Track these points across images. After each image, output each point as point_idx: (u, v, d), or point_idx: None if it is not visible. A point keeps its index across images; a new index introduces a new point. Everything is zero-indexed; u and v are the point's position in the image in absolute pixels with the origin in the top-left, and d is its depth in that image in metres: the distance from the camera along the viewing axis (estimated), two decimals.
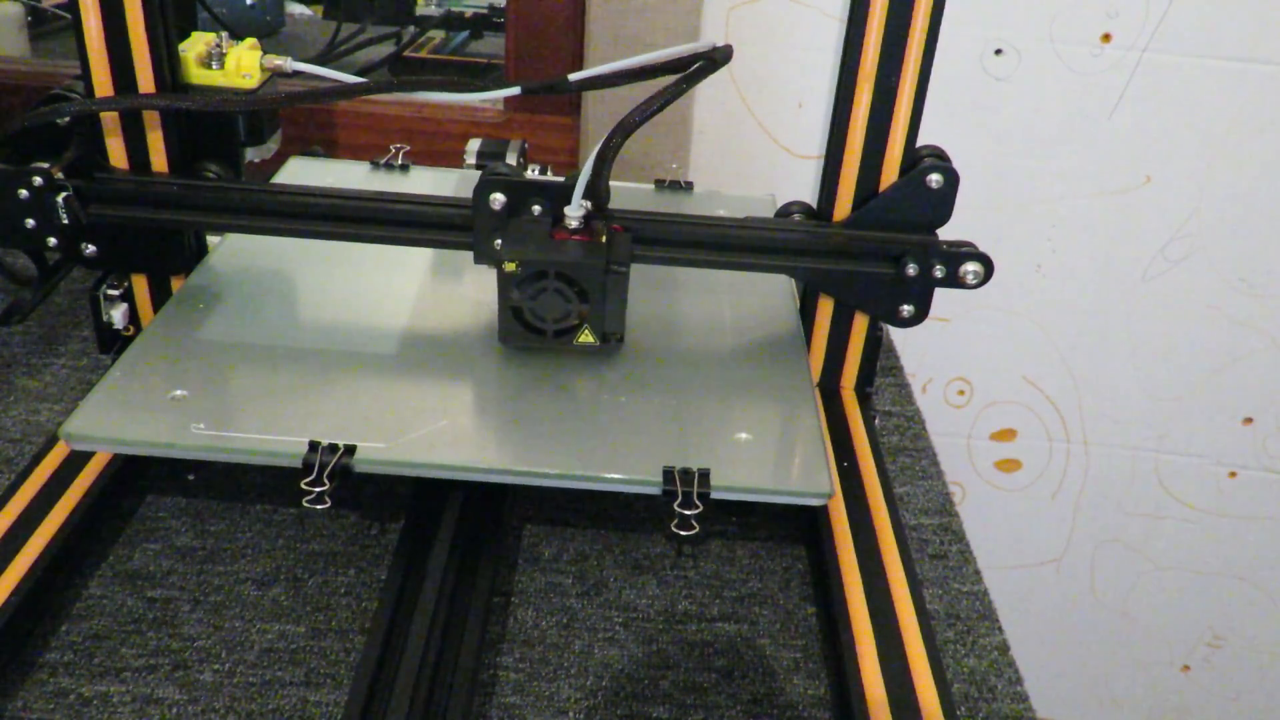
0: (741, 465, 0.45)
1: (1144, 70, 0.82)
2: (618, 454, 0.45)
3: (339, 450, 0.43)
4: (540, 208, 0.50)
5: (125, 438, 0.44)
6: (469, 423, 0.47)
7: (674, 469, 0.44)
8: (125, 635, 0.45)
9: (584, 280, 0.49)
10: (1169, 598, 1.08)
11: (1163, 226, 0.89)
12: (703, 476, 0.44)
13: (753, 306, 0.59)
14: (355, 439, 0.44)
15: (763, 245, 0.53)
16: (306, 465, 0.43)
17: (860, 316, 0.56)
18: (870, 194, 0.52)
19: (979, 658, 0.47)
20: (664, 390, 0.50)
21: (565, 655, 0.45)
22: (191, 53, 0.53)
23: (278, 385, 0.48)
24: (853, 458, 0.53)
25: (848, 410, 0.57)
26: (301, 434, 0.44)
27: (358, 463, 0.43)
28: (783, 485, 0.45)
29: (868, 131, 0.51)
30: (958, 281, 0.53)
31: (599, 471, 0.44)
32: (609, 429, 0.47)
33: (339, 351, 0.51)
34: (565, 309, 0.50)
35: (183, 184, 0.53)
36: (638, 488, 0.44)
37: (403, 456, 0.44)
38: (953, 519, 0.56)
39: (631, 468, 0.44)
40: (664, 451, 0.45)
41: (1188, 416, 0.98)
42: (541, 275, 0.49)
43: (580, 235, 0.50)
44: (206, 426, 0.44)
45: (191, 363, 0.49)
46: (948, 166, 0.51)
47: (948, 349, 0.95)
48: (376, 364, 0.50)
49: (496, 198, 0.50)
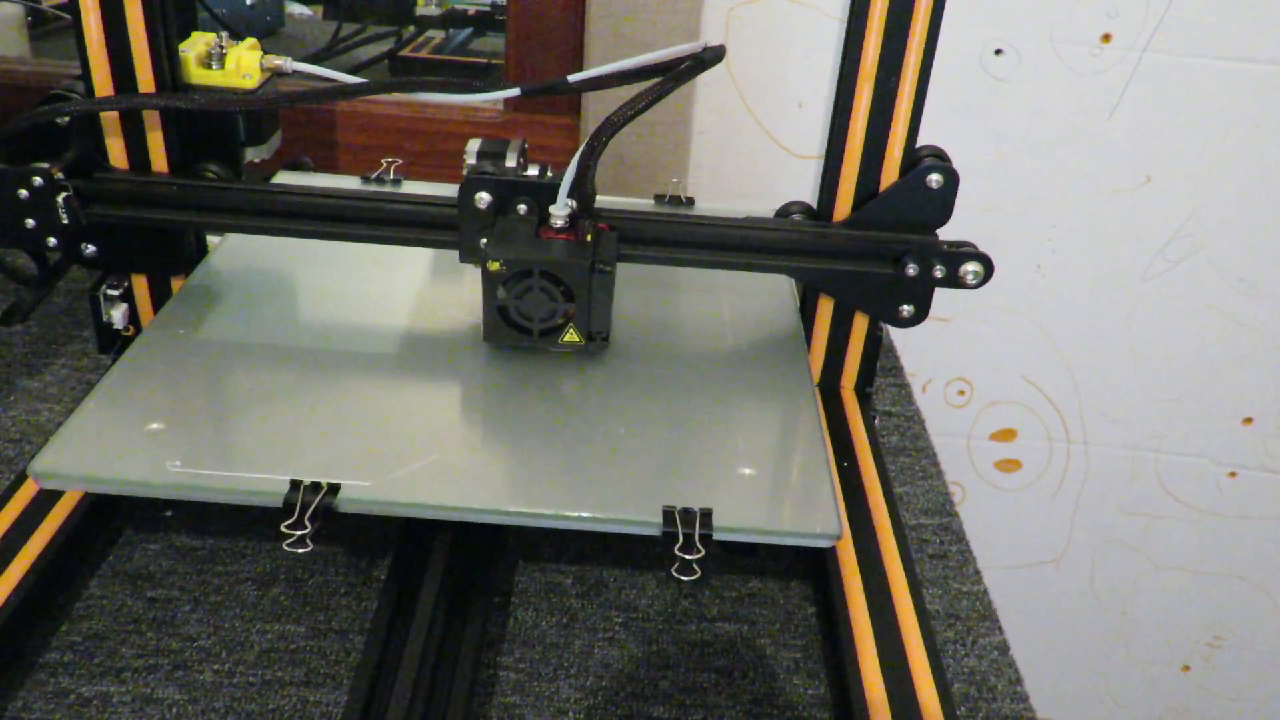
0: (745, 504, 0.43)
1: (1144, 70, 0.82)
2: (614, 492, 0.43)
3: (322, 489, 0.41)
4: (526, 207, 0.50)
5: (96, 475, 0.42)
6: (459, 457, 0.45)
7: (674, 509, 0.42)
8: (125, 635, 0.44)
9: (569, 279, 0.49)
10: (1169, 598, 1.08)
11: (1163, 226, 0.89)
12: (705, 517, 0.42)
13: (753, 308, 0.59)
14: (339, 475, 0.42)
15: (762, 245, 0.53)
16: (287, 506, 0.41)
17: (860, 316, 0.56)
18: (870, 194, 0.52)
19: (979, 658, 0.47)
20: (662, 416, 0.48)
21: (565, 655, 0.45)
22: (191, 53, 0.53)
23: (260, 413, 0.46)
24: (853, 458, 0.53)
25: (848, 410, 0.57)
26: (283, 470, 0.42)
27: (341, 502, 0.41)
28: (790, 526, 0.43)
29: (868, 131, 0.51)
30: (958, 281, 0.53)
31: (594, 512, 0.42)
32: (605, 463, 0.45)
33: (328, 365, 0.50)
34: (551, 308, 0.50)
35: (182, 184, 0.53)
36: (636, 529, 0.42)
37: (388, 496, 0.42)
38: (953, 519, 0.56)
39: (629, 507, 0.42)
40: (663, 488, 0.43)
41: (1188, 416, 0.98)
42: (526, 274, 0.49)
43: (566, 234, 0.50)
44: (183, 463, 0.42)
45: (173, 387, 0.48)
46: (948, 166, 0.51)
47: (948, 349, 0.95)
48: (366, 382, 0.49)
49: (482, 197, 0.50)
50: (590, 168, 0.48)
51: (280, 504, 0.41)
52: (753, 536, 0.42)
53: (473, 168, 0.51)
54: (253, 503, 0.42)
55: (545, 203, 0.50)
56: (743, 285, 0.61)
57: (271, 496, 0.41)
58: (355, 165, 0.81)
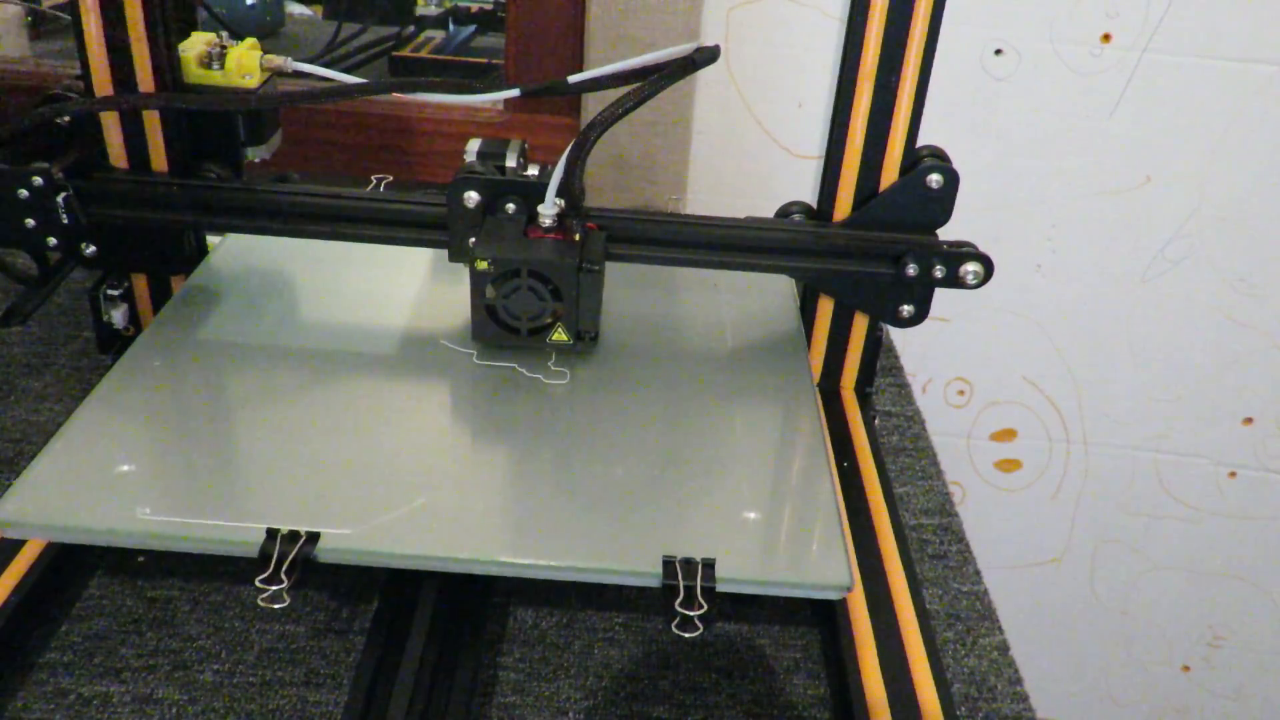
0: (750, 552, 0.41)
1: (1144, 70, 0.82)
2: (611, 539, 0.41)
3: (300, 538, 0.39)
4: (515, 206, 0.50)
5: (59, 524, 0.40)
6: (446, 500, 0.42)
7: (674, 559, 0.40)
8: (125, 635, 0.44)
9: (557, 278, 0.49)
10: (1169, 598, 1.08)
11: (1163, 226, 0.89)
12: (707, 568, 0.39)
13: (753, 309, 0.59)
14: (319, 520, 0.40)
15: (762, 245, 0.53)
16: (263, 557, 0.39)
17: (860, 317, 0.56)
18: (870, 194, 0.52)
19: (979, 658, 0.47)
20: (660, 449, 0.46)
21: (565, 655, 0.45)
22: (191, 53, 0.53)
23: (238, 449, 0.44)
24: (853, 458, 0.53)
25: (848, 410, 0.57)
26: (259, 516, 0.40)
27: (321, 552, 0.39)
28: (798, 577, 0.40)
29: (868, 131, 0.51)
30: (958, 281, 0.53)
31: (589, 562, 0.40)
32: (600, 506, 0.42)
33: (315, 385, 0.49)
34: (539, 307, 0.49)
35: (183, 184, 0.53)
36: (634, 580, 0.40)
37: (371, 545, 0.40)
38: (953, 519, 0.56)
39: (627, 556, 0.40)
40: (662, 533, 0.41)
41: (1188, 416, 0.98)
42: (514, 273, 0.49)
43: (554, 234, 0.50)
44: (152, 510, 0.40)
45: (148, 419, 0.46)
46: (948, 166, 0.51)
47: (948, 349, 0.95)
48: (353, 408, 0.47)
49: (470, 196, 0.50)
50: (577, 167, 0.48)
51: (256, 554, 0.39)
52: (758, 588, 0.40)
53: (463, 167, 0.51)
54: (227, 553, 0.39)
55: (533, 202, 0.50)
56: (743, 286, 0.61)
57: (247, 546, 0.39)
58: (355, 165, 0.81)
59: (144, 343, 0.51)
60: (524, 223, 0.50)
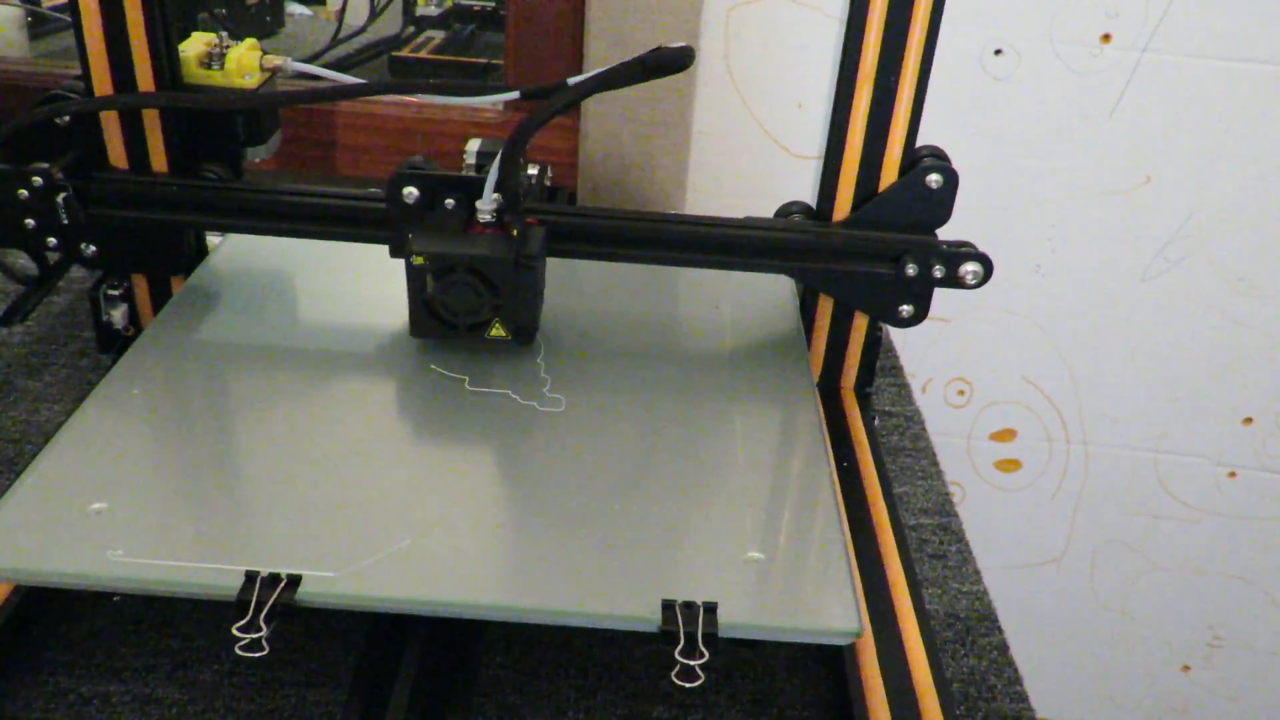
0: (754, 595, 0.39)
1: (1144, 70, 0.82)
2: (606, 581, 0.39)
3: (280, 582, 0.38)
4: (454, 202, 0.51)
5: (27, 568, 0.38)
6: (434, 542, 0.41)
7: (674, 603, 0.38)
8: (125, 635, 0.44)
9: (494, 274, 0.49)
10: (1169, 598, 1.08)
11: (1162, 226, 0.89)
12: (709, 613, 0.38)
13: (753, 309, 0.59)
14: (301, 563, 0.39)
15: (762, 246, 0.53)
16: (241, 604, 0.37)
17: (860, 316, 0.56)
18: (869, 194, 0.52)
19: (979, 658, 0.47)
20: (660, 477, 0.45)
21: (565, 655, 0.45)
22: (191, 53, 0.53)
23: (218, 480, 0.43)
24: (853, 458, 0.53)
25: (847, 410, 0.57)
26: (237, 559, 0.39)
27: (302, 597, 0.38)
28: (806, 623, 0.39)
29: (867, 131, 0.51)
30: (957, 281, 0.53)
31: (586, 607, 0.38)
32: (596, 545, 0.41)
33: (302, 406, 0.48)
34: (476, 303, 0.50)
35: (182, 184, 0.53)
36: (631, 625, 0.38)
37: (355, 590, 0.38)
38: (952, 519, 0.56)
39: (623, 600, 0.38)
40: (661, 574, 0.40)
41: (1188, 416, 0.98)
42: (451, 269, 0.49)
43: (493, 229, 0.50)
44: (125, 551, 0.39)
45: (126, 449, 0.44)
46: (947, 166, 0.51)
47: (947, 349, 0.95)
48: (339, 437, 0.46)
49: (410, 191, 0.50)
50: (514, 163, 0.48)
51: (234, 598, 0.37)
52: (763, 634, 0.39)
53: (404, 163, 0.51)
54: (205, 596, 0.38)
55: (473, 198, 0.50)
56: (744, 287, 0.61)
57: (225, 591, 0.38)
58: (355, 166, 0.81)
59: (141, 347, 0.51)
60: (464, 218, 0.50)
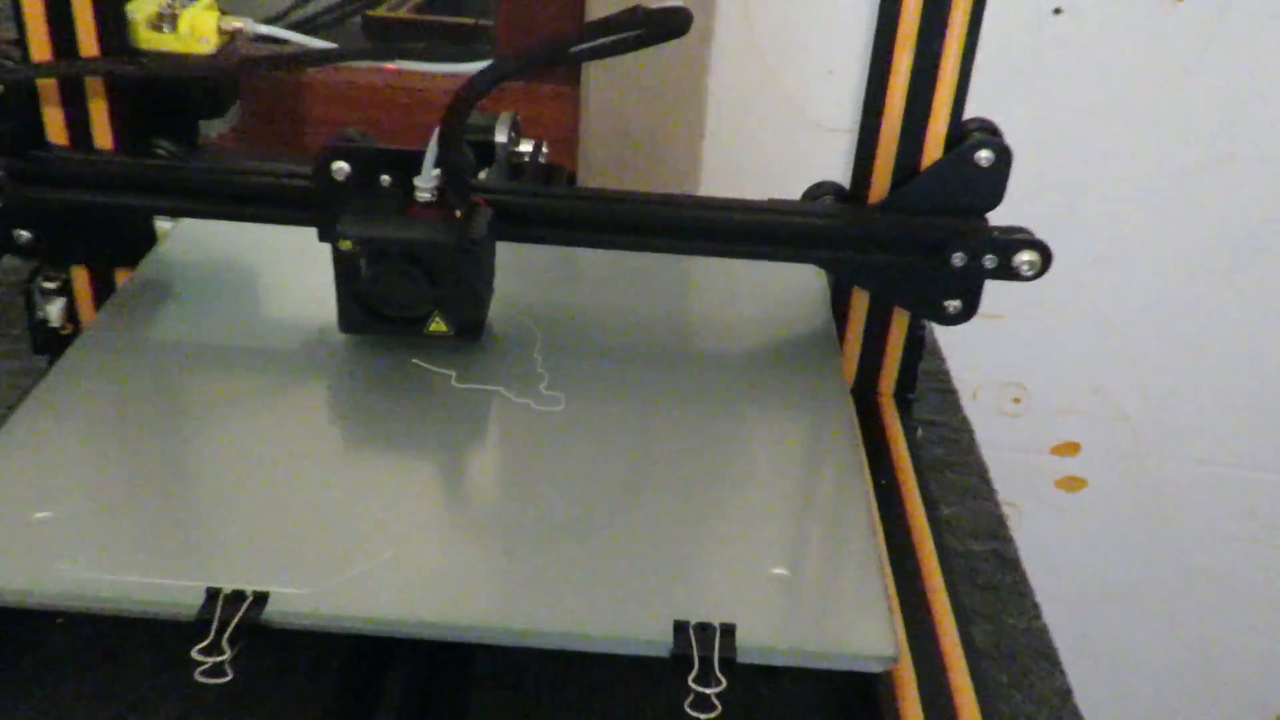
0: (776, 615, 0.39)
1: (1226, 31, 0.82)
2: (612, 599, 0.39)
3: (245, 599, 0.38)
4: (390, 179, 0.50)
5: None
6: (418, 556, 0.41)
7: (687, 624, 0.38)
8: (66, 672, 0.45)
9: (432, 261, 0.49)
10: (1258, 636, 1.08)
11: (1249, 209, 0.89)
12: (726, 634, 0.38)
13: (777, 306, 0.59)
14: (268, 579, 0.38)
15: (787, 233, 0.53)
16: (201, 624, 0.37)
17: (899, 313, 0.56)
18: (910, 173, 0.52)
19: (1037, 704, 0.47)
20: (672, 485, 0.45)
21: (566, 683, 0.45)
22: (140, 14, 0.53)
23: (177, 484, 0.43)
24: (891, 475, 0.53)
25: (886, 420, 0.57)
26: (197, 574, 0.39)
27: (270, 616, 0.38)
28: (834, 647, 0.38)
29: (907, 102, 0.51)
30: (1011, 273, 0.53)
31: (589, 629, 0.38)
32: (601, 559, 0.41)
33: (269, 405, 0.48)
34: (413, 293, 0.49)
35: (130, 162, 0.54)
36: (639, 649, 0.38)
37: (329, 608, 0.38)
38: (1007, 545, 0.56)
39: (630, 621, 0.38)
40: (672, 592, 0.40)
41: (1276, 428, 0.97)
42: (383, 255, 0.49)
43: (433, 210, 0.50)
44: (74, 566, 0.39)
45: (74, 450, 0.44)
46: (999, 142, 0.51)
47: (1001, 350, 0.95)
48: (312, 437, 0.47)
49: (340, 167, 0.50)
50: (457, 135, 0.48)
51: (194, 618, 0.37)
52: (786, 659, 0.39)
53: (335, 134, 0.51)
54: (161, 615, 0.38)
55: (411, 175, 0.50)
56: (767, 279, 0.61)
57: (184, 609, 0.38)
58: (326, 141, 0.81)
59: (80, 348, 0.51)
60: (401, 199, 0.50)
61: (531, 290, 0.58)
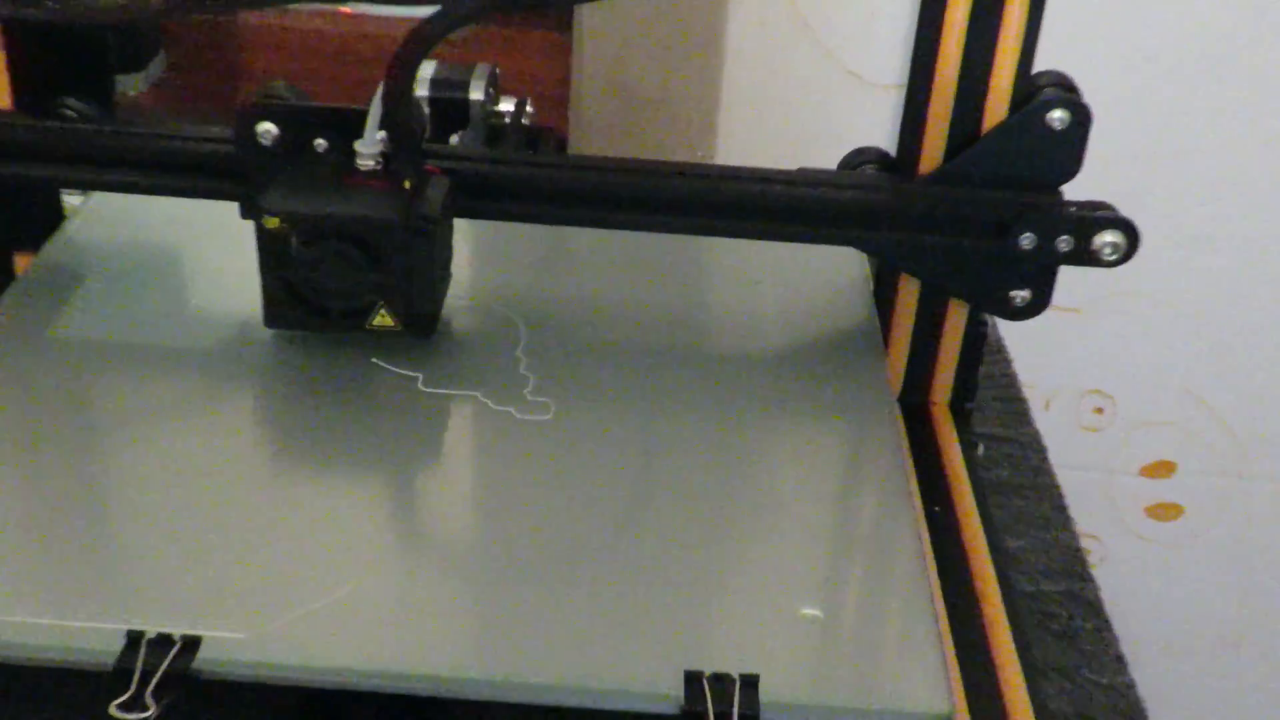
0: (806, 664, 0.40)
1: None
2: (610, 647, 0.39)
3: (173, 644, 0.37)
4: (326, 144, 0.50)
5: None
6: (377, 593, 0.41)
7: (701, 674, 0.38)
8: None
9: (377, 241, 0.48)
10: None
11: None
12: (747, 686, 0.38)
13: (810, 297, 0.59)
14: (199, 621, 0.38)
15: (821, 209, 0.53)
16: (122, 672, 0.36)
17: (956, 306, 0.56)
18: (969, 138, 0.52)
19: None
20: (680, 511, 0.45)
21: None
22: None
23: (86, 517, 0.43)
24: (946, 499, 0.53)
25: (939, 433, 0.57)
26: (116, 615, 0.38)
27: (202, 665, 0.37)
28: (873, 700, 0.38)
29: (965, 52, 0.51)
30: (1091, 258, 0.53)
31: (582, 682, 0.38)
32: (597, 600, 0.41)
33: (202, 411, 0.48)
34: (353, 280, 0.49)
35: (33, 125, 0.54)
36: (644, 704, 0.38)
37: (272, 656, 0.38)
38: (1086, 585, 0.56)
39: (634, 671, 0.38)
40: (683, 638, 0.40)
41: None
42: (317, 235, 0.48)
43: (378, 181, 0.50)
44: None
45: None
46: (1076, 100, 0.51)
47: (1078, 351, 0.95)
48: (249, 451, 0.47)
49: (267, 129, 0.50)
50: (406, 90, 0.48)
51: (113, 666, 0.37)
52: (819, 717, 0.38)
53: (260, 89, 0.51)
54: (74, 664, 0.38)
55: (351, 138, 0.50)
56: (800, 263, 0.61)
57: (102, 656, 0.37)
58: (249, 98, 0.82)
59: None
60: (339, 166, 0.50)
61: (515, 278, 0.58)
